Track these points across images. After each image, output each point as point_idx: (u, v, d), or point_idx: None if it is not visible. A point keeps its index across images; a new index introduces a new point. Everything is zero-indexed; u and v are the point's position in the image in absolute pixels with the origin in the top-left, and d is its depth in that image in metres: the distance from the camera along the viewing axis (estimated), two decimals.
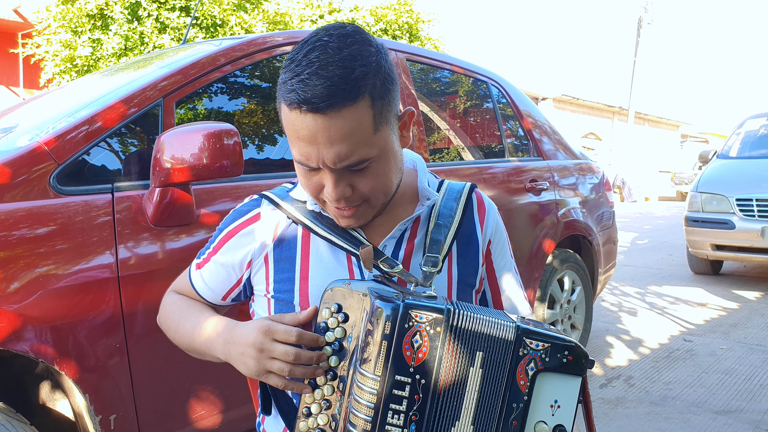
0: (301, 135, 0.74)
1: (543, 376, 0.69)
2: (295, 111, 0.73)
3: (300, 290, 0.84)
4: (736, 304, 4.32)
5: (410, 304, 0.68)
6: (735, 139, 5.79)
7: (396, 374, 0.67)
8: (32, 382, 1.35)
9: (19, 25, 10.36)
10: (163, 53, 2.11)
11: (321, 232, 0.85)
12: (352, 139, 0.73)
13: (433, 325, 0.67)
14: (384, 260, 0.82)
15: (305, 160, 0.76)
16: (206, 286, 0.93)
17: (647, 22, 18.79)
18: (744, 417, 2.35)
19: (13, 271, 1.15)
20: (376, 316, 0.68)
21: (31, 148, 1.28)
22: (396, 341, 0.67)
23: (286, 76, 0.74)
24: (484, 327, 0.70)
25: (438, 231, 0.88)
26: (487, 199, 0.98)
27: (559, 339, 0.69)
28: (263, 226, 0.88)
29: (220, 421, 1.46)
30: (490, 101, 2.81)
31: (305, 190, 0.82)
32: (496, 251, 0.95)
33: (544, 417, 0.69)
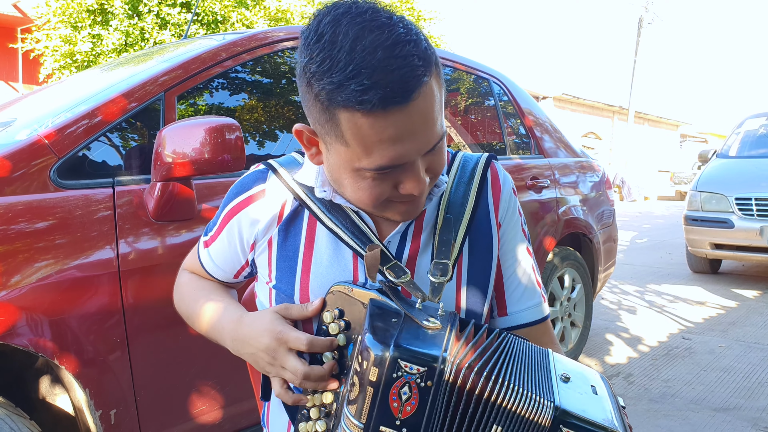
0: (389, 135, 0.63)
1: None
2: (374, 115, 0.62)
3: (301, 284, 0.80)
4: (734, 302, 4.33)
5: (401, 350, 0.60)
6: (734, 138, 5.80)
7: (381, 425, 0.61)
8: (32, 377, 1.34)
9: (18, 20, 10.33)
10: (163, 48, 2.10)
11: (330, 224, 0.78)
12: (437, 111, 0.66)
13: (423, 378, 0.60)
14: (391, 267, 0.74)
15: (397, 161, 0.66)
16: (215, 265, 0.89)
17: (648, 22, 18.78)
18: (742, 414, 2.36)
19: (13, 265, 1.15)
20: (364, 357, 0.62)
21: (32, 141, 1.28)
22: (383, 390, 0.60)
23: (338, 78, 0.61)
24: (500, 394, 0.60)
25: (447, 228, 0.79)
26: (502, 173, 0.86)
27: (604, 430, 0.58)
28: (268, 205, 0.81)
29: (221, 416, 1.46)
30: (492, 99, 2.80)
31: (366, 199, 0.71)
32: (506, 234, 0.85)
33: None
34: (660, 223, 10.81)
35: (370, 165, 0.67)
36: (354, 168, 0.68)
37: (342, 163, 0.69)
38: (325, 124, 0.67)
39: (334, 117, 0.65)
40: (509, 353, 0.66)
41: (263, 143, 1.90)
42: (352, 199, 0.74)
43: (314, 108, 0.67)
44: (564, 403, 0.59)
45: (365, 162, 0.67)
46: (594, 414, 0.59)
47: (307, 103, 0.69)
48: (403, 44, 0.62)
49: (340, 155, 0.69)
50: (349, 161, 0.68)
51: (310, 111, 0.69)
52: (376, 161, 0.66)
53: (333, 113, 0.65)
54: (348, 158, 0.68)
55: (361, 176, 0.69)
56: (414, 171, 0.69)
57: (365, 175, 0.69)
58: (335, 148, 0.69)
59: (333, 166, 0.72)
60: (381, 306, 0.69)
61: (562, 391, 0.61)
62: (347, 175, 0.70)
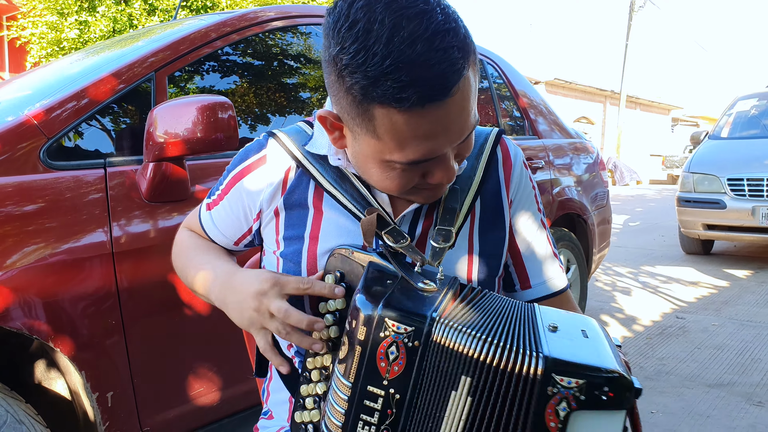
0: (423, 132, 0.62)
1: (578, 414, 0.57)
2: (411, 111, 0.59)
3: (309, 250, 0.78)
4: (726, 282, 4.37)
5: (389, 308, 0.60)
6: (726, 119, 5.81)
7: (368, 384, 0.61)
8: (26, 362, 1.33)
9: (3, 8, 10.14)
10: (150, 30, 2.06)
11: (335, 193, 0.77)
12: (473, 102, 0.64)
13: (411, 338, 0.59)
14: (389, 231, 0.73)
15: (428, 156, 0.65)
16: (217, 230, 0.87)
17: (639, 6, 18.70)
18: (736, 390, 2.39)
19: (4, 247, 1.13)
20: (354, 316, 0.62)
21: (20, 121, 1.25)
22: (370, 350, 0.60)
23: (374, 73, 0.58)
24: (475, 348, 0.58)
25: (453, 197, 0.77)
26: (513, 148, 0.84)
27: (597, 371, 0.56)
28: (270, 171, 0.80)
29: (219, 398, 1.45)
30: (486, 80, 2.78)
31: (393, 188, 0.70)
32: (520, 208, 0.83)
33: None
34: (652, 206, 10.87)
35: (402, 159, 0.65)
36: (383, 160, 0.67)
37: (370, 154, 0.67)
38: (356, 117, 0.64)
39: (368, 112, 0.62)
40: (496, 311, 0.66)
41: (255, 127, 1.87)
42: (377, 185, 0.73)
43: (344, 100, 0.64)
44: (553, 352, 0.58)
45: (396, 156, 0.65)
46: (586, 357, 0.58)
47: (335, 92, 0.66)
48: (443, 34, 0.59)
49: (370, 147, 0.67)
50: (379, 153, 0.66)
51: (338, 101, 0.66)
52: (408, 156, 0.65)
53: (367, 108, 0.62)
54: (378, 150, 0.66)
55: (390, 167, 0.67)
56: (444, 162, 0.68)
57: (394, 167, 0.67)
58: (364, 139, 0.66)
59: (359, 154, 0.70)
60: (379, 268, 0.68)
61: (550, 341, 0.60)
62: (374, 165, 0.69)
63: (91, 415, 1.24)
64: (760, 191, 4.71)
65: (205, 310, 1.40)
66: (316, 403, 0.73)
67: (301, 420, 0.74)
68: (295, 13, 1.94)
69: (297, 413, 0.74)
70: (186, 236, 0.92)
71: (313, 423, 0.73)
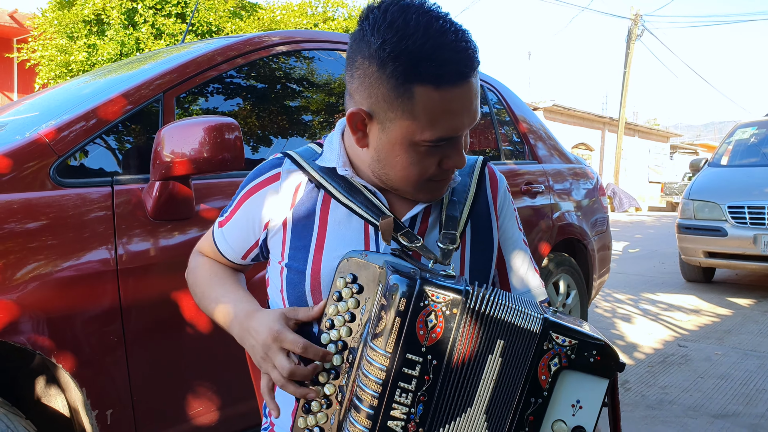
0: (454, 108, 0.73)
1: (567, 373, 0.65)
2: (445, 88, 0.71)
3: (313, 259, 0.83)
4: (729, 310, 4.35)
5: (427, 281, 0.66)
6: (725, 147, 5.86)
7: (407, 352, 0.65)
8: (27, 378, 1.33)
9: (14, 31, 10.34)
10: (157, 53, 2.11)
11: (344, 200, 0.83)
12: (479, 97, 0.77)
13: (449, 306, 0.65)
14: (404, 233, 0.80)
15: (453, 133, 0.75)
16: (227, 244, 0.93)
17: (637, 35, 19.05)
18: (741, 421, 2.36)
19: (12, 262, 1.14)
20: (391, 291, 0.66)
21: (32, 139, 1.28)
22: (410, 319, 0.65)
23: (417, 55, 0.69)
24: (506, 315, 0.67)
25: (453, 208, 0.86)
26: (498, 173, 0.97)
27: (589, 337, 0.65)
28: (282, 188, 0.86)
29: (217, 418, 1.44)
30: (486, 105, 2.83)
31: (413, 175, 0.79)
32: (504, 225, 0.94)
33: (564, 416, 0.65)
34: (651, 233, 10.87)
35: (432, 136, 0.74)
36: (412, 142, 0.75)
37: (400, 138, 0.76)
38: (395, 100, 0.73)
39: (409, 91, 0.72)
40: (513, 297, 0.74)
41: (263, 143, 1.90)
42: (398, 176, 0.80)
43: (383, 86, 0.73)
44: (552, 318, 0.68)
45: (427, 134, 0.74)
46: (579, 328, 0.68)
47: (371, 84, 0.74)
48: (464, 32, 0.73)
49: (402, 130, 0.75)
50: (411, 135, 0.75)
51: (373, 92, 0.75)
52: (437, 132, 0.74)
53: (408, 88, 0.72)
54: (410, 132, 0.75)
55: (415, 150, 0.76)
56: (459, 146, 0.78)
57: (419, 149, 0.76)
58: (398, 124, 0.75)
59: (384, 145, 0.78)
60: (397, 262, 0.73)
61: (552, 315, 0.69)
62: (401, 150, 0.77)
63: None
64: (761, 219, 4.72)
65: (206, 330, 1.40)
66: (323, 405, 0.74)
67: (305, 425, 0.75)
68: (299, 38, 1.99)
69: (301, 419, 0.75)
70: (200, 263, 0.97)
71: (319, 425, 0.74)
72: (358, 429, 0.66)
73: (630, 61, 18.40)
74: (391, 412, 0.65)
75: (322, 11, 11.27)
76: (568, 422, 0.65)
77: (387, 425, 0.65)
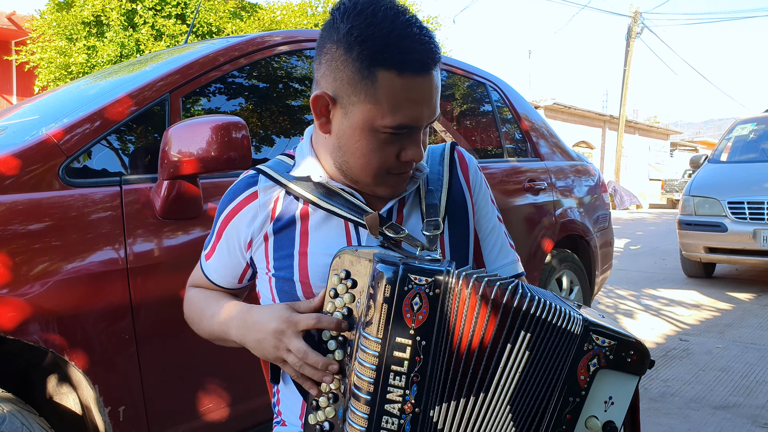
0: (415, 97, 0.75)
1: (603, 372, 0.66)
2: (408, 76, 0.74)
3: (299, 265, 0.84)
4: (729, 305, 4.37)
5: (409, 266, 0.68)
6: (725, 143, 5.88)
7: (397, 336, 0.67)
8: (39, 377, 1.34)
9: (13, 33, 10.34)
10: (158, 55, 2.12)
11: (323, 204, 0.85)
12: (439, 93, 0.80)
13: (432, 287, 0.67)
14: (389, 226, 0.82)
15: (413, 122, 0.77)
16: (219, 274, 0.94)
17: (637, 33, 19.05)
18: (742, 412, 2.38)
19: (24, 261, 1.16)
20: (376, 280, 0.68)
21: (41, 140, 1.29)
22: (396, 304, 0.67)
23: (383, 41, 0.73)
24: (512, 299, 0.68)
25: (432, 196, 0.89)
26: (467, 154, 0.99)
27: (626, 336, 0.67)
28: (261, 206, 0.87)
29: (227, 414, 1.46)
30: (489, 103, 2.84)
31: (373, 163, 0.80)
32: (478, 203, 0.96)
33: (597, 412, 0.67)
34: (652, 230, 10.89)
35: (393, 122, 0.76)
36: (372, 127, 0.77)
37: (361, 123, 0.78)
38: (359, 83, 0.76)
39: (372, 75, 0.75)
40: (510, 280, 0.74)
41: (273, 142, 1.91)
42: (358, 164, 0.81)
43: (348, 69, 0.76)
44: (588, 318, 0.68)
45: (388, 119, 0.76)
46: (613, 327, 0.68)
47: (337, 67, 0.77)
48: (426, 29, 0.77)
49: (363, 114, 0.77)
50: (372, 119, 0.77)
51: (339, 75, 0.77)
52: (398, 119, 0.76)
53: (372, 72, 0.75)
54: (371, 116, 0.77)
55: (376, 137, 0.78)
56: (417, 139, 0.80)
57: (379, 136, 0.78)
58: (360, 108, 0.77)
59: (346, 130, 0.80)
60: (386, 253, 0.75)
61: (581, 312, 0.70)
62: (362, 136, 0.79)
63: (102, 430, 1.25)
64: (761, 215, 4.74)
65: None
66: (330, 400, 0.76)
67: (316, 421, 0.76)
68: (301, 38, 2.00)
69: (311, 415, 0.77)
70: (193, 293, 0.98)
71: (329, 420, 0.76)
72: (359, 416, 0.68)
73: (630, 59, 18.40)
74: (387, 395, 0.67)
75: (322, 11, 11.28)
76: (600, 418, 0.67)
77: (385, 408, 0.67)
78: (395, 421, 0.67)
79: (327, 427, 0.75)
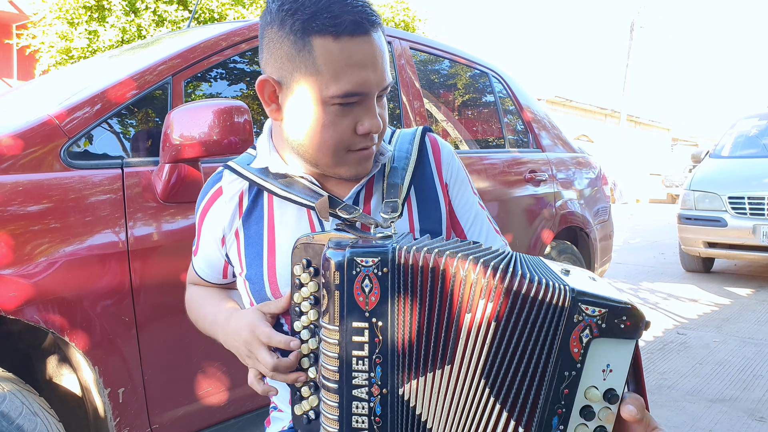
0: (356, 60, 0.73)
1: (597, 341, 0.63)
2: (344, 39, 0.72)
3: (268, 265, 0.84)
4: (728, 300, 4.38)
5: (355, 250, 0.67)
6: (727, 138, 5.87)
7: (353, 321, 0.66)
8: (39, 358, 1.35)
9: (14, 17, 10.27)
10: (159, 39, 2.11)
11: (282, 193, 0.83)
12: (386, 59, 0.77)
13: (379, 266, 0.66)
14: (342, 207, 0.81)
15: (361, 88, 0.74)
16: (204, 271, 0.95)
17: (639, 26, 18.95)
18: (738, 405, 2.39)
19: (25, 242, 1.16)
20: (326, 268, 0.68)
21: (42, 121, 1.28)
22: (347, 289, 0.66)
23: (312, 10, 0.72)
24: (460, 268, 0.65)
25: (395, 174, 0.86)
26: (441, 141, 0.95)
27: (617, 302, 0.63)
28: (226, 200, 0.87)
29: (226, 398, 1.46)
30: (492, 93, 2.83)
31: (329, 140, 0.78)
32: (456, 193, 0.93)
33: (596, 382, 0.64)
34: (652, 224, 10.90)
35: (338, 91, 0.74)
36: (319, 99, 0.75)
37: (308, 96, 0.76)
38: (296, 56, 0.75)
39: (308, 45, 0.74)
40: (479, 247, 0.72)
41: None
42: (313, 143, 0.79)
43: (285, 45, 0.75)
44: (577, 287, 0.63)
45: (333, 88, 0.74)
46: (603, 292, 0.64)
47: (275, 45, 0.76)
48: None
49: (307, 88, 0.75)
50: (317, 91, 0.75)
51: (277, 54, 0.77)
52: (343, 86, 0.74)
53: (307, 41, 0.74)
54: (316, 88, 0.75)
55: (326, 111, 0.76)
56: (371, 108, 0.77)
57: (329, 110, 0.76)
58: (303, 82, 0.75)
59: (295, 110, 0.78)
60: (340, 236, 0.74)
61: (568, 280, 0.66)
62: (311, 110, 0.76)
63: (101, 411, 1.26)
64: (761, 210, 4.74)
65: None
66: (311, 389, 0.76)
67: (302, 411, 0.77)
68: None
69: (296, 406, 0.77)
70: (192, 292, 0.99)
71: (313, 408, 0.76)
72: (330, 405, 0.68)
73: (631, 52, 18.31)
74: (353, 380, 0.67)
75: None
76: (600, 387, 0.64)
77: (353, 394, 0.67)
78: (365, 405, 0.67)
79: (313, 416, 0.76)
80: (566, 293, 0.63)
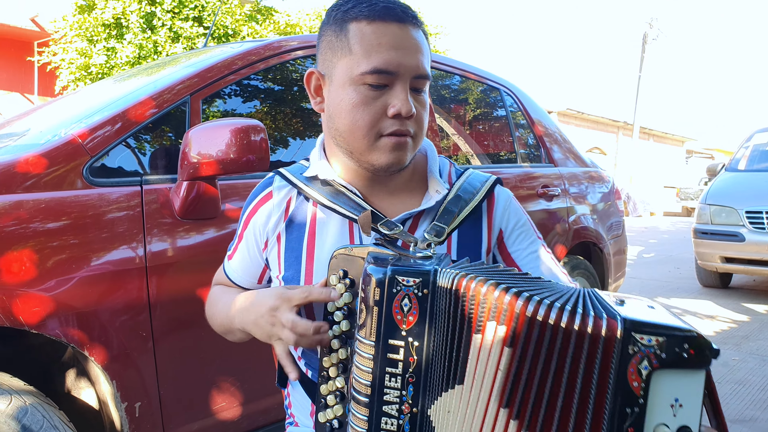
0: (387, 41, 0.78)
1: (660, 373, 0.58)
2: (376, 23, 0.78)
3: (306, 269, 0.86)
4: (746, 316, 4.30)
5: (397, 268, 0.67)
6: (743, 152, 5.80)
7: (389, 338, 0.67)
8: (58, 372, 1.37)
9: (35, 34, 10.54)
10: (175, 59, 2.16)
11: (327, 203, 0.85)
12: (424, 53, 0.81)
13: (420, 287, 0.67)
14: (383, 223, 0.82)
15: (389, 66, 0.78)
16: (238, 274, 0.96)
17: (652, 38, 18.91)
18: (759, 426, 2.34)
19: (47, 258, 1.18)
20: (366, 283, 0.69)
21: (67, 140, 1.32)
22: (386, 306, 0.67)
23: (351, 2, 0.80)
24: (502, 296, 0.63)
25: (455, 202, 0.86)
26: (502, 193, 0.94)
27: (677, 330, 0.58)
28: (274, 204, 0.90)
29: (240, 413, 1.47)
30: (503, 108, 2.84)
31: (359, 121, 0.79)
32: (516, 240, 0.92)
33: (665, 419, 0.59)
34: (666, 238, 10.76)
35: (368, 67, 0.78)
36: (351, 79, 0.79)
37: (342, 78, 0.80)
38: (335, 44, 0.81)
39: (344, 29, 0.80)
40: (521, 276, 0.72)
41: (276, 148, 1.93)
42: (346, 126, 0.81)
43: (328, 35, 0.82)
44: (629, 315, 0.60)
45: (363, 65, 0.78)
46: (661, 320, 0.60)
47: (322, 39, 0.84)
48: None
49: (342, 70, 0.80)
50: (349, 71, 0.79)
51: (323, 46, 0.84)
52: (372, 62, 0.78)
53: (344, 27, 0.80)
54: (349, 67, 0.79)
55: (357, 91, 0.79)
56: (403, 91, 0.79)
57: (360, 89, 0.79)
58: (339, 66, 0.80)
59: (333, 95, 0.82)
60: (378, 252, 0.75)
61: (621, 309, 0.62)
62: (344, 92, 0.80)
63: (118, 425, 1.27)
64: None
65: None
66: (337, 398, 0.77)
67: (325, 419, 0.77)
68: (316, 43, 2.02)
69: (320, 413, 0.78)
70: (214, 290, 1.01)
71: (337, 418, 0.77)
72: (359, 418, 0.69)
73: (644, 64, 18.25)
74: (384, 396, 0.67)
75: None
76: (670, 424, 0.59)
77: (383, 410, 0.67)
78: (394, 421, 0.67)
79: (336, 425, 0.77)
80: (610, 323, 0.59)
